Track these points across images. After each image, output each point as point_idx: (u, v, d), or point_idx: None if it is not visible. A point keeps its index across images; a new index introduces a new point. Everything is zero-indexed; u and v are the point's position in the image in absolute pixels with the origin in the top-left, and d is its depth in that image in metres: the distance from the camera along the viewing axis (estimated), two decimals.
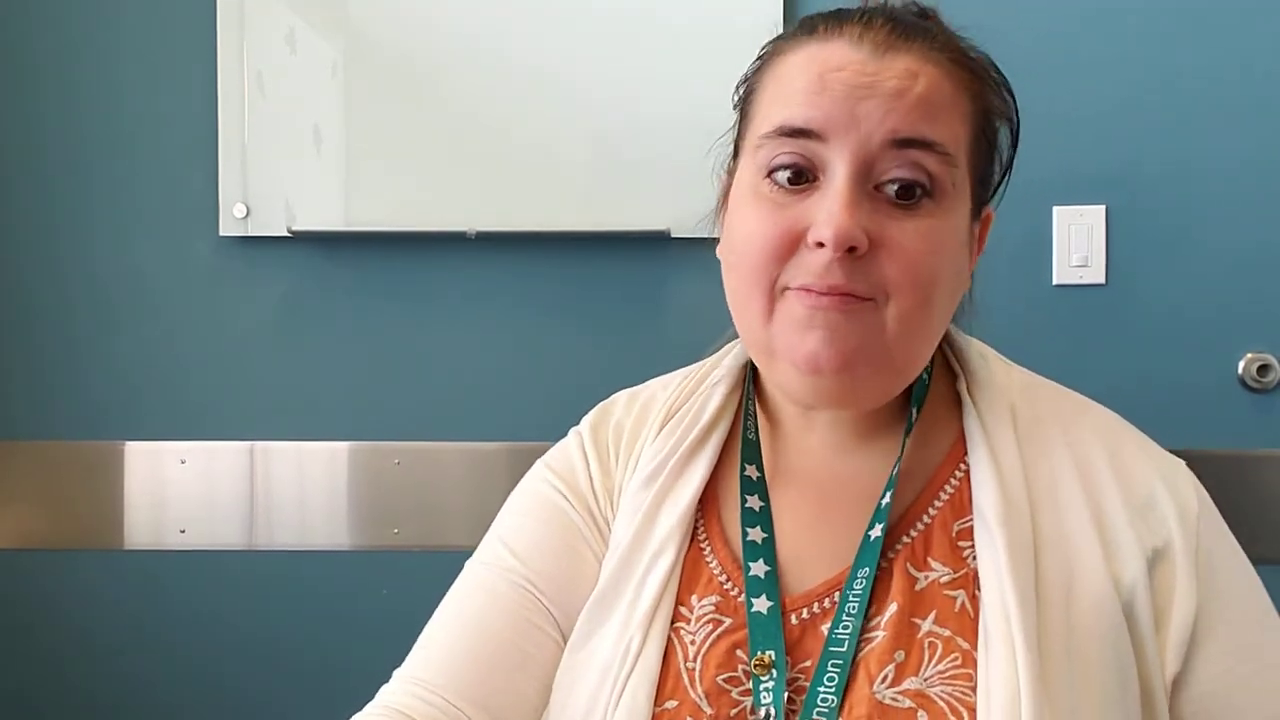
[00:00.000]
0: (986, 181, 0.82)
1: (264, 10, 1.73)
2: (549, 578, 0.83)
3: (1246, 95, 1.69)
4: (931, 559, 0.77)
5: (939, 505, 0.79)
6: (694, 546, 0.81)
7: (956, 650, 0.73)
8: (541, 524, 0.86)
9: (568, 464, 0.89)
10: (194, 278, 1.77)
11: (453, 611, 0.85)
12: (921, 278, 0.73)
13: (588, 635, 0.80)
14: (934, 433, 0.82)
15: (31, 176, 1.78)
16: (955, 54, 0.78)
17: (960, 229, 0.77)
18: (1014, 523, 0.75)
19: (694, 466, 0.83)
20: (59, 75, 1.77)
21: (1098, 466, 0.78)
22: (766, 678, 0.74)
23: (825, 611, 0.77)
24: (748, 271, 0.76)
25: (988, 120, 0.80)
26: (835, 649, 0.74)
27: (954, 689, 0.72)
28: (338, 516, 1.77)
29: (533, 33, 1.72)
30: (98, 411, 1.78)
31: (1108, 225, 1.70)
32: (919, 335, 0.76)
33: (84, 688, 1.79)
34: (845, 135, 0.73)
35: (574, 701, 0.78)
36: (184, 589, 1.78)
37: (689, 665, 0.76)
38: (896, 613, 0.75)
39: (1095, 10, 1.69)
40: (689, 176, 1.71)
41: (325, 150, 1.74)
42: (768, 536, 0.79)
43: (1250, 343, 1.70)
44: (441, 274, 1.76)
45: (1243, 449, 1.66)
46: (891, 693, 0.72)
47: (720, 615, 0.78)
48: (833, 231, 0.71)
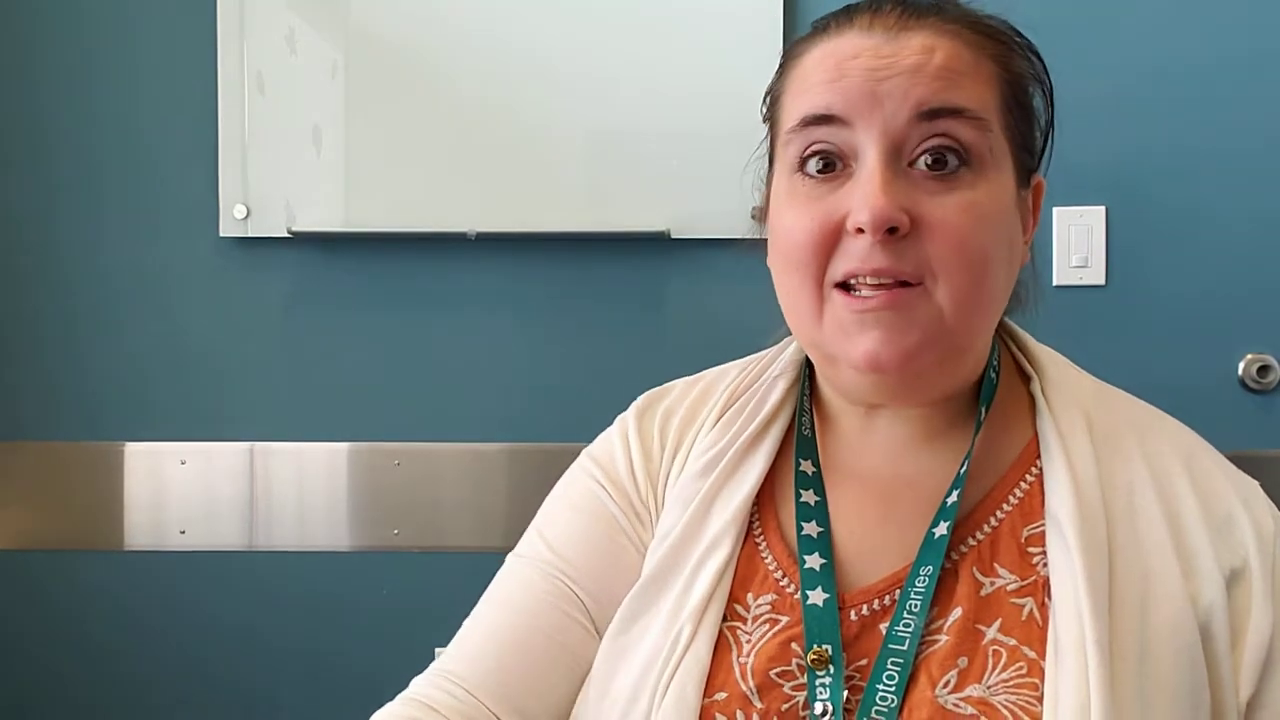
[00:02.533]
0: (1029, 147, 0.79)
1: (264, 11, 1.73)
2: (585, 570, 0.82)
3: (1247, 96, 1.69)
4: (999, 564, 0.75)
5: (1008, 508, 0.77)
6: (749, 543, 0.80)
7: (1022, 659, 0.71)
8: (579, 515, 0.85)
9: (608, 453, 0.87)
10: (194, 278, 1.77)
11: (489, 605, 0.85)
12: (969, 253, 0.72)
13: (631, 621, 0.79)
14: (1005, 434, 0.80)
15: (32, 178, 1.78)
16: (971, 23, 0.77)
17: (1004, 197, 0.75)
18: (1089, 528, 0.72)
19: (752, 461, 0.81)
20: (59, 77, 1.77)
21: (1176, 480, 0.76)
22: (823, 673, 0.72)
23: (885, 609, 0.75)
24: (794, 268, 0.75)
25: (1018, 84, 0.77)
26: (895, 646, 0.72)
27: (1019, 698, 0.70)
28: (338, 517, 1.77)
29: (534, 34, 1.72)
30: (98, 412, 1.78)
31: (1107, 226, 1.71)
32: (977, 313, 0.74)
33: (84, 688, 1.79)
34: (870, 116, 0.72)
35: (616, 686, 0.77)
36: (184, 589, 1.78)
37: (742, 660, 0.75)
38: (961, 618, 0.73)
39: (1096, 10, 1.69)
40: (689, 178, 1.72)
41: (325, 151, 1.74)
42: (824, 530, 0.78)
43: (1250, 343, 1.70)
44: (442, 275, 1.76)
45: (1243, 450, 1.66)
46: (954, 698, 0.70)
47: (777, 614, 0.76)
48: (869, 214, 0.70)
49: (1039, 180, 0.81)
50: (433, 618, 1.83)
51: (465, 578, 1.76)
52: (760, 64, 1.71)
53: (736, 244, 1.70)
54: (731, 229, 1.70)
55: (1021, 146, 0.78)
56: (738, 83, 1.64)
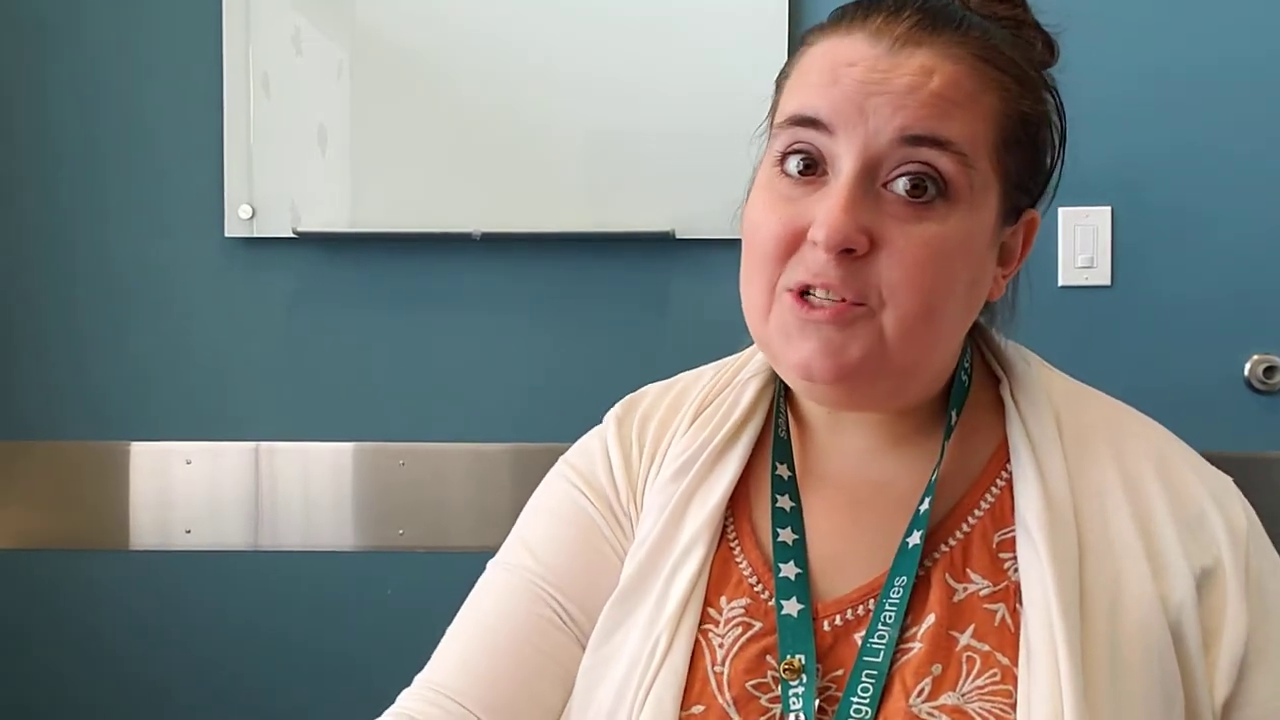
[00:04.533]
0: (1024, 186, 0.78)
1: (270, 11, 1.73)
2: (568, 578, 0.82)
3: (1253, 96, 1.69)
4: (971, 570, 0.75)
5: (979, 514, 0.77)
6: (724, 546, 0.80)
7: (996, 666, 0.71)
8: (560, 522, 0.85)
9: (588, 459, 0.87)
10: (199, 278, 1.78)
11: (473, 615, 0.85)
12: (922, 284, 0.71)
13: (610, 632, 0.79)
14: (975, 438, 0.80)
15: (37, 178, 1.78)
16: (985, 50, 0.74)
17: (977, 234, 0.74)
18: (1058, 533, 0.72)
19: (725, 464, 0.81)
20: (65, 77, 1.78)
21: (1146, 480, 0.76)
22: (796, 683, 0.72)
23: (859, 619, 0.75)
24: (752, 263, 0.76)
25: (1021, 122, 0.75)
26: (870, 659, 0.72)
27: (993, 704, 0.70)
28: (343, 517, 1.77)
29: (538, 33, 1.72)
30: (103, 411, 1.78)
31: (1113, 226, 1.70)
32: (921, 342, 0.73)
33: (89, 687, 1.79)
34: (852, 129, 0.71)
35: (598, 699, 0.77)
36: (189, 589, 1.78)
37: (716, 669, 0.75)
38: (934, 624, 0.73)
39: (1101, 11, 1.69)
40: (693, 178, 1.72)
41: (331, 151, 1.74)
42: (799, 538, 0.78)
43: (1256, 344, 1.69)
44: (446, 275, 1.76)
45: (1248, 451, 1.66)
46: (928, 707, 0.70)
47: (750, 619, 0.76)
48: (826, 233, 0.70)
49: (1033, 215, 0.79)
50: (437, 617, 1.83)
51: (470, 578, 1.76)
52: (763, 63, 1.71)
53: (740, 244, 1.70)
54: (735, 229, 1.69)
55: (1015, 184, 0.76)
56: (741, 82, 1.65)
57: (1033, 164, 0.78)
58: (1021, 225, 0.79)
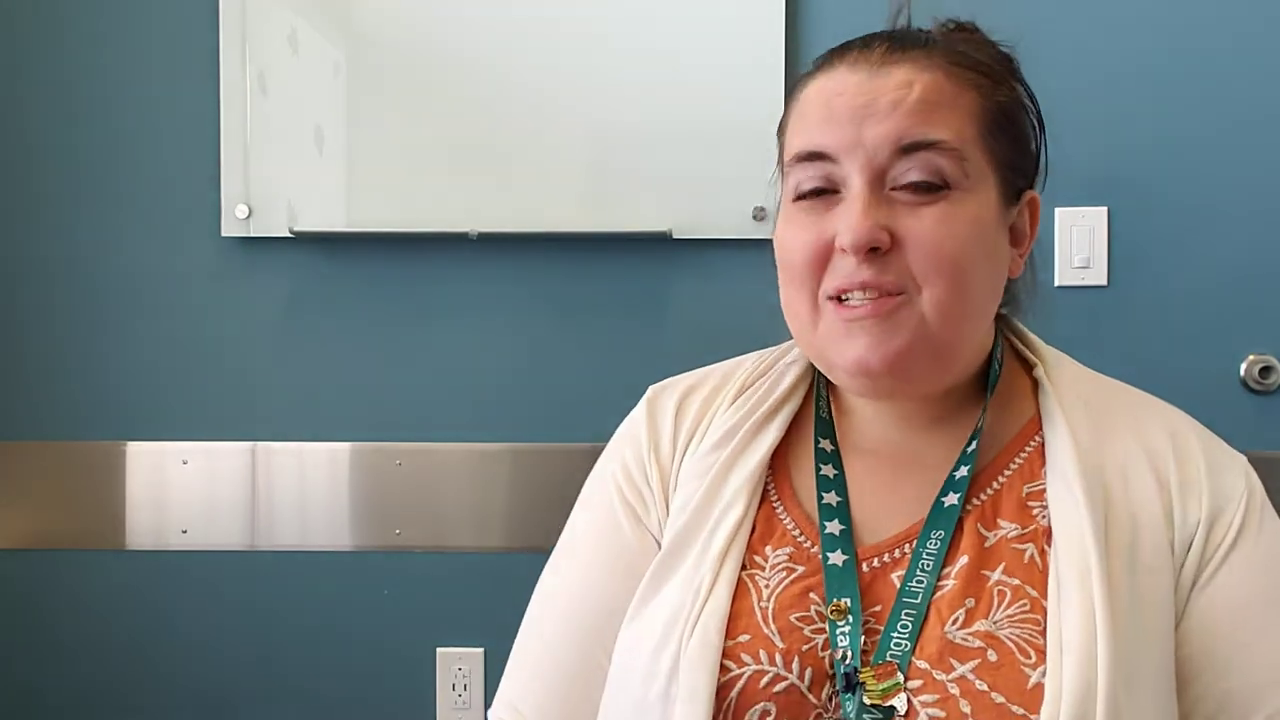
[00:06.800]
0: (1017, 167, 0.86)
1: (266, 11, 1.73)
2: (614, 594, 0.87)
3: (1250, 97, 1.69)
4: (1000, 519, 0.82)
5: (1009, 472, 0.85)
6: (766, 504, 0.87)
7: (1025, 597, 0.78)
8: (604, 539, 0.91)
9: (633, 440, 0.93)
10: (196, 278, 1.78)
11: (534, 632, 0.91)
12: (947, 261, 0.79)
13: (658, 587, 0.84)
14: (1008, 413, 0.87)
15: (33, 177, 1.78)
16: (954, 56, 0.84)
17: (983, 211, 0.82)
18: (1091, 481, 0.80)
19: (764, 434, 0.88)
20: (62, 76, 1.78)
21: (1162, 450, 0.84)
22: (843, 623, 0.79)
23: (896, 561, 0.82)
24: (792, 283, 0.83)
25: (1002, 110, 0.84)
26: (909, 600, 0.79)
27: (1023, 631, 0.77)
28: (339, 517, 1.77)
29: (535, 34, 1.72)
30: (99, 412, 1.78)
31: (1110, 227, 1.71)
32: (961, 318, 0.81)
33: (85, 687, 1.79)
34: (854, 154, 0.80)
35: (644, 639, 0.82)
36: (185, 589, 1.78)
37: (762, 604, 0.81)
38: (967, 565, 0.80)
39: (1098, 12, 1.69)
40: (691, 178, 1.72)
41: (327, 151, 1.74)
42: (842, 500, 0.85)
43: (1252, 344, 1.70)
44: (443, 275, 1.76)
45: (1245, 451, 1.66)
46: (962, 633, 0.77)
47: (794, 564, 0.83)
48: (852, 237, 0.79)
49: (1033, 195, 0.88)
50: (434, 617, 1.84)
51: (466, 577, 1.77)
52: (762, 65, 1.73)
53: (738, 244, 1.71)
54: (734, 229, 1.70)
55: (1008, 167, 0.84)
56: (740, 83, 1.65)
57: (1019, 146, 0.86)
58: (1024, 206, 0.87)
